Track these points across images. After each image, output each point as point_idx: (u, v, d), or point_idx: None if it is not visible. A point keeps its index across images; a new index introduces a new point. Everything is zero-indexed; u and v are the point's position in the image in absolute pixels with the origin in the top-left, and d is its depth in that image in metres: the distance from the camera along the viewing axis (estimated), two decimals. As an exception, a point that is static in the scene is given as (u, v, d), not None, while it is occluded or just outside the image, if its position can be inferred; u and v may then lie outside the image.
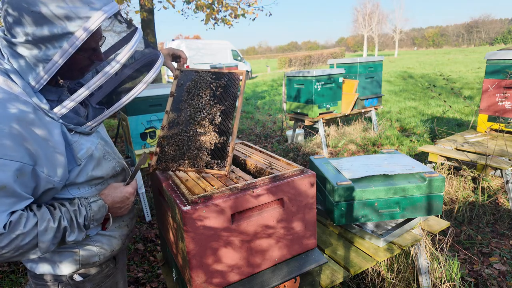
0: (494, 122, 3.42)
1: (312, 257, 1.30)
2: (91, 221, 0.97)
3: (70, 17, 0.82)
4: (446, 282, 2.08)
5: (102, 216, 1.01)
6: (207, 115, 1.24)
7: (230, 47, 19.32)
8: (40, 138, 0.85)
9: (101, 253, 1.10)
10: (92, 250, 1.08)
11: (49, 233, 0.87)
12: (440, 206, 1.71)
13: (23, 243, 0.83)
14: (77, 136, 0.98)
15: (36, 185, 0.87)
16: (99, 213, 1.00)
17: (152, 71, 1.04)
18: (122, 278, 1.29)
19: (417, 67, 18.95)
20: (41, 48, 0.84)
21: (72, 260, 1.05)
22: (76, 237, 0.94)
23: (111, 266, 1.19)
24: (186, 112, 1.26)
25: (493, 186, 3.43)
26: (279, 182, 1.17)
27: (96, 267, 1.13)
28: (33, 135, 0.84)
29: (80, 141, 0.98)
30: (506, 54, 3.26)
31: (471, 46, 68.38)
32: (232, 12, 7.49)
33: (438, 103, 7.99)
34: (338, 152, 5.09)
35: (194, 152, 1.21)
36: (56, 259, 1.04)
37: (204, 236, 1.05)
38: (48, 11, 0.80)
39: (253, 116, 8.26)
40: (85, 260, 1.07)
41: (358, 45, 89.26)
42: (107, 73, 0.94)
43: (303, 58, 30.38)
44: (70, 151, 0.95)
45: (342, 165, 1.92)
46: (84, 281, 1.11)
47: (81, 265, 1.07)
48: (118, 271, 1.25)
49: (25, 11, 0.80)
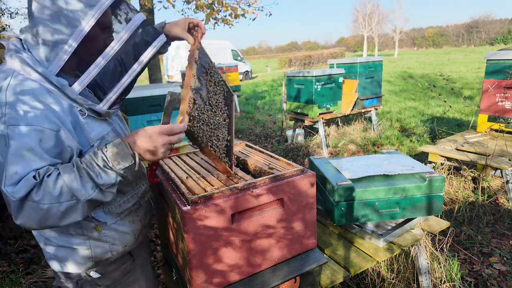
0: (494, 122, 3.42)
1: (312, 257, 1.30)
2: (112, 160, 0.88)
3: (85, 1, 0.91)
4: (446, 282, 2.08)
5: (125, 153, 0.90)
6: (225, 110, 1.26)
7: (230, 47, 19.31)
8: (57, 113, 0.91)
9: (113, 249, 1.10)
10: (104, 246, 1.08)
11: (76, 180, 0.85)
12: (440, 206, 1.71)
13: (56, 193, 0.82)
14: (89, 120, 1.01)
15: (61, 151, 0.91)
16: (118, 149, 0.89)
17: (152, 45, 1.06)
18: (144, 274, 1.29)
19: (417, 67, 18.95)
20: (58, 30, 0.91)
21: (85, 257, 1.06)
22: (106, 179, 0.88)
23: (129, 262, 1.19)
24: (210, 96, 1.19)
25: (493, 186, 3.43)
26: (279, 182, 1.17)
27: (112, 263, 1.13)
28: (51, 109, 0.90)
29: (91, 124, 1.01)
30: (506, 54, 3.26)
31: (471, 46, 68.38)
32: (232, 12, 7.49)
33: (438, 103, 7.99)
34: (338, 152, 5.09)
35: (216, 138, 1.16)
36: (69, 256, 1.05)
37: (204, 236, 1.05)
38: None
39: (253, 116, 8.26)
40: (98, 256, 1.07)
41: (358, 45, 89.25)
42: (121, 39, 0.99)
43: (303, 58, 30.38)
44: (82, 132, 0.98)
45: (342, 165, 1.92)
46: (101, 278, 1.11)
47: (94, 262, 1.07)
48: (138, 267, 1.25)
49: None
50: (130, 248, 1.17)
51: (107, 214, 1.08)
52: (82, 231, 1.04)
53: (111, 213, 1.09)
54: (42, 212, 0.81)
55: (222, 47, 18.88)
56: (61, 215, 0.84)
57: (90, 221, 1.05)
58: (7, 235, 3.06)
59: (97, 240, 1.06)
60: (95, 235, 1.06)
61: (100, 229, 1.06)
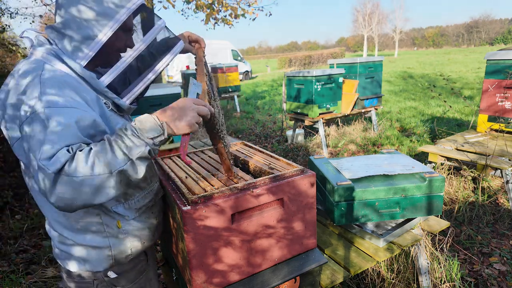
0: (494, 122, 3.42)
1: (312, 257, 1.30)
2: (141, 130, 0.89)
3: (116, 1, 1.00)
4: (446, 282, 2.08)
5: (152, 123, 0.90)
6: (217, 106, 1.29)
7: (230, 47, 19.31)
8: (89, 101, 0.96)
9: (133, 246, 1.10)
10: (124, 243, 1.08)
11: (108, 152, 0.85)
12: (440, 206, 1.71)
13: (89, 165, 0.82)
14: (112, 113, 1.06)
15: (95, 133, 0.92)
16: (145, 123, 0.90)
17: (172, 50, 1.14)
18: (154, 275, 1.30)
19: (417, 67, 18.95)
20: (87, 26, 0.97)
21: (105, 255, 1.06)
22: (136, 149, 0.87)
23: (143, 262, 1.20)
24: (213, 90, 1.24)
25: (493, 186, 3.43)
26: (279, 182, 1.17)
27: (129, 262, 1.13)
28: (83, 97, 0.95)
29: (114, 116, 1.06)
30: (506, 54, 3.26)
31: (471, 46, 68.36)
32: (232, 12, 7.48)
33: (438, 103, 7.99)
34: (338, 152, 5.09)
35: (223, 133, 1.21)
36: (88, 255, 1.05)
37: (204, 236, 1.05)
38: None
39: (253, 116, 8.26)
40: (118, 254, 1.07)
41: (358, 45, 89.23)
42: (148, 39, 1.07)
43: (303, 58, 30.38)
44: (108, 123, 1.02)
45: (342, 165, 1.92)
46: (119, 278, 1.11)
47: (114, 260, 1.07)
48: (150, 268, 1.26)
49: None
50: (147, 245, 1.18)
51: (127, 209, 1.09)
52: (103, 228, 1.04)
53: (131, 209, 1.10)
54: (76, 186, 0.81)
55: (222, 47, 18.88)
56: (94, 190, 0.83)
57: (112, 216, 1.05)
58: (7, 235, 3.06)
59: (116, 237, 1.06)
60: (115, 232, 1.06)
61: (120, 225, 1.07)
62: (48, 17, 8.68)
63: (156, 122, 0.90)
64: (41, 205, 1.06)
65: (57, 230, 1.06)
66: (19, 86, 0.90)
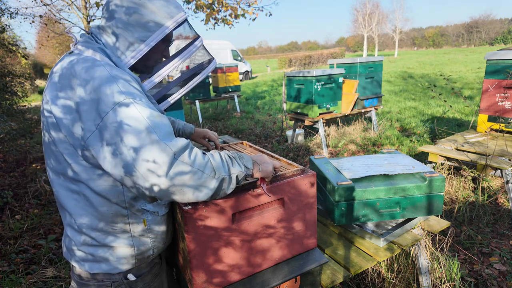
0: (494, 122, 3.43)
1: (313, 257, 1.30)
2: (242, 159, 1.03)
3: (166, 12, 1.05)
4: (446, 282, 2.08)
5: (248, 159, 1.05)
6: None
7: (230, 47, 19.32)
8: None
9: (154, 246, 1.10)
10: (147, 242, 1.07)
11: (219, 161, 0.94)
12: (440, 206, 1.72)
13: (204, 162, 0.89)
14: None
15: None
16: (244, 155, 1.05)
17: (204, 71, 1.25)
18: (166, 278, 1.30)
19: (417, 67, 18.96)
20: (134, 32, 1.02)
21: (128, 255, 1.04)
22: (238, 169, 0.98)
23: (158, 265, 1.19)
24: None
25: (493, 186, 3.43)
26: (279, 182, 1.17)
27: (147, 265, 1.12)
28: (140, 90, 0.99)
29: None
30: (506, 54, 3.26)
31: (471, 46, 68.37)
32: (232, 12, 7.48)
33: (438, 103, 7.99)
34: (338, 152, 5.09)
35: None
36: (111, 255, 1.03)
37: (205, 236, 1.05)
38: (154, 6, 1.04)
39: (253, 116, 8.26)
40: (141, 254, 1.07)
41: (358, 45, 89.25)
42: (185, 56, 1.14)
43: (303, 58, 30.39)
44: None
45: (342, 165, 1.92)
46: (137, 280, 1.10)
47: (136, 259, 1.06)
48: (163, 271, 1.26)
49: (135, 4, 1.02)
50: (166, 245, 1.18)
51: (155, 206, 1.09)
52: (128, 226, 1.03)
53: (159, 205, 1.10)
54: (187, 175, 0.85)
55: (222, 47, 18.90)
56: (197, 186, 0.88)
57: (139, 215, 1.04)
58: (7, 235, 3.06)
59: (140, 236, 1.05)
60: (139, 230, 1.05)
61: (146, 223, 1.06)
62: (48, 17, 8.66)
63: (251, 157, 1.05)
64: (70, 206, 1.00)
65: (84, 231, 1.01)
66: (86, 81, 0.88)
